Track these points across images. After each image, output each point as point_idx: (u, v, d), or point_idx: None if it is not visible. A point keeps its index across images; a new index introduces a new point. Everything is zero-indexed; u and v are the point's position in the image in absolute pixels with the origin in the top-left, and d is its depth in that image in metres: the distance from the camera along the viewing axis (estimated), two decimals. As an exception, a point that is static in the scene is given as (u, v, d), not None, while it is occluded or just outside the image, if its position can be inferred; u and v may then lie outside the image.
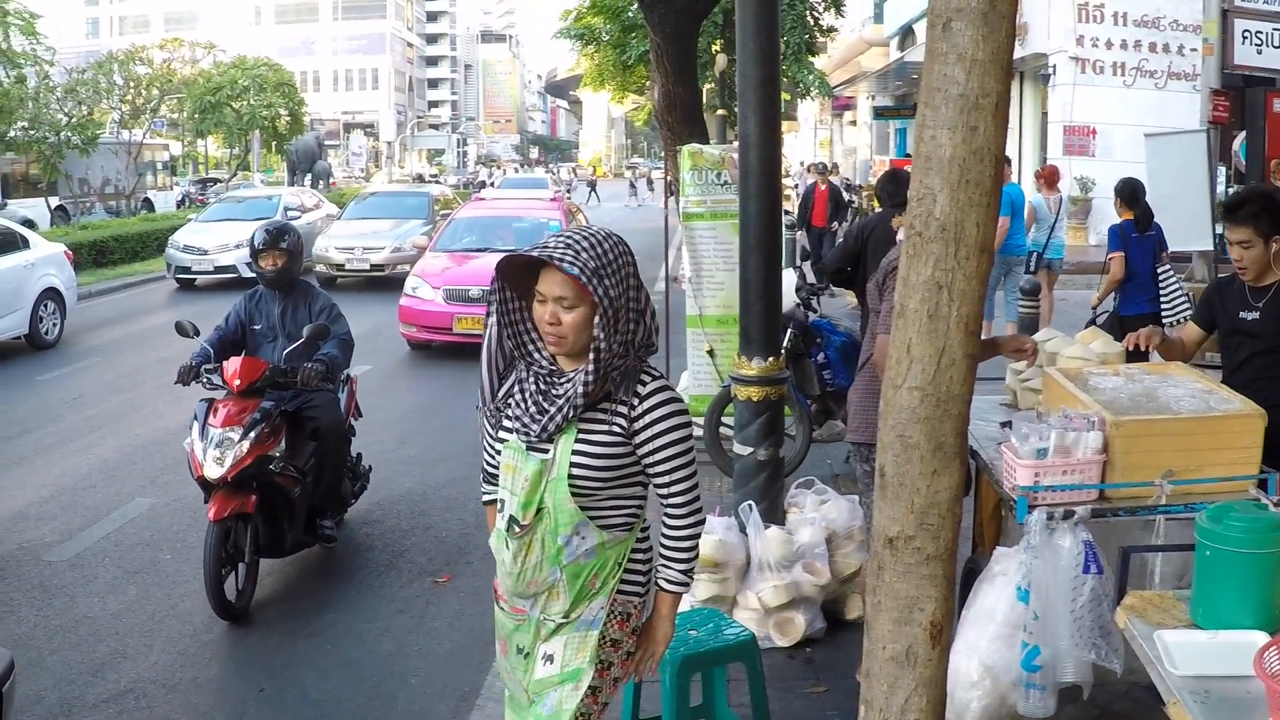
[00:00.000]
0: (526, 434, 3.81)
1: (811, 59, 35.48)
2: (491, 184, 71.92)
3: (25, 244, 18.99)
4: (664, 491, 3.89)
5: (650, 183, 64.17)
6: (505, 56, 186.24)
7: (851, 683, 6.40)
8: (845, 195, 27.58)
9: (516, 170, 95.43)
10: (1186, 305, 11.52)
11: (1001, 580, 5.15)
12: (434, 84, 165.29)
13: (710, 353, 10.56)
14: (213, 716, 6.63)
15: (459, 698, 6.74)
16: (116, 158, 47.84)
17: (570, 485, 3.75)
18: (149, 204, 49.47)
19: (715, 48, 26.26)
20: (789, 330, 9.86)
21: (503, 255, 3.83)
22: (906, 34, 45.44)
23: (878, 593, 3.41)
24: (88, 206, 45.49)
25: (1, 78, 39.88)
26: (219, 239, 26.85)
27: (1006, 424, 5.84)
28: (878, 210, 10.80)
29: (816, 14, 32.74)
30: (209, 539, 7.58)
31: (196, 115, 61.93)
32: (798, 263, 21.45)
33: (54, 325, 19.06)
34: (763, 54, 7.18)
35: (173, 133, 64.41)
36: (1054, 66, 29.69)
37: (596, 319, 3.67)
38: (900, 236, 3.76)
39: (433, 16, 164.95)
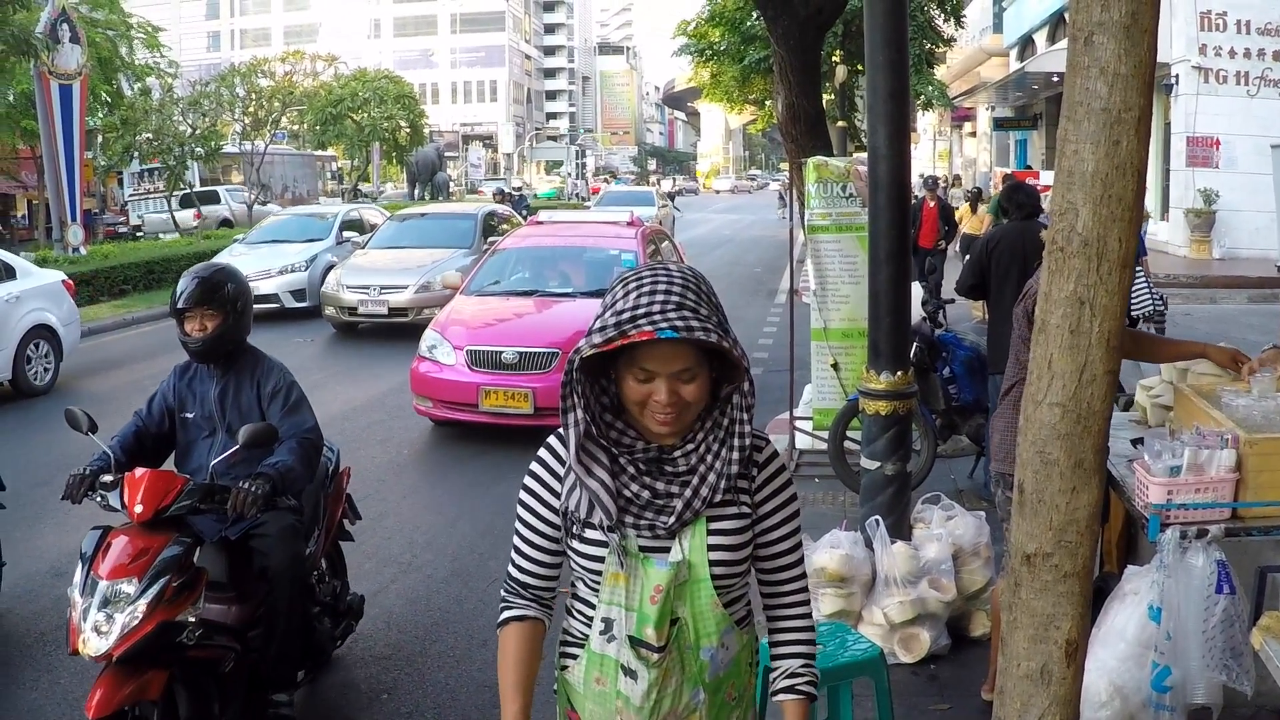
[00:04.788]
0: (651, 528, 3.04)
1: (931, 70, 35.31)
2: (577, 198, 71.17)
3: (11, 274, 16.00)
4: (784, 575, 3.23)
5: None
6: (623, 68, 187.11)
7: (976, 700, 6.38)
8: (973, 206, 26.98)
9: (606, 182, 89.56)
10: (1149, 303, 11.75)
11: (1133, 599, 5.10)
12: (552, 96, 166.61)
13: (834, 366, 10.54)
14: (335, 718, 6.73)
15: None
16: (295, 165, 50.79)
17: (715, 586, 3.08)
18: None
19: (835, 58, 26.21)
20: (915, 344, 9.80)
21: (579, 339, 2.93)
22: (1026, 44, 45.16)
23: (1014, 610, 3.38)
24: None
25: (126, 89, 41.00)
26: (261, 264, 23.35)
27: (1138, 441, 5.78)
28: (1003, 222, 10.71)
29: (936, 26, 32.58)
30: None
31: (318, 127, 63.02)
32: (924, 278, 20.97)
33: (45, 368, 16.12)
34: (892, 66, 7.17)
35: (293, 144, 65.67)
36: (1176, 76, 29.29)
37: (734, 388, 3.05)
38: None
39: (550, 29, 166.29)
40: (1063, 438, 3.18)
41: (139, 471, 5.56)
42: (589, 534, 3.09)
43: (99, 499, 5.65)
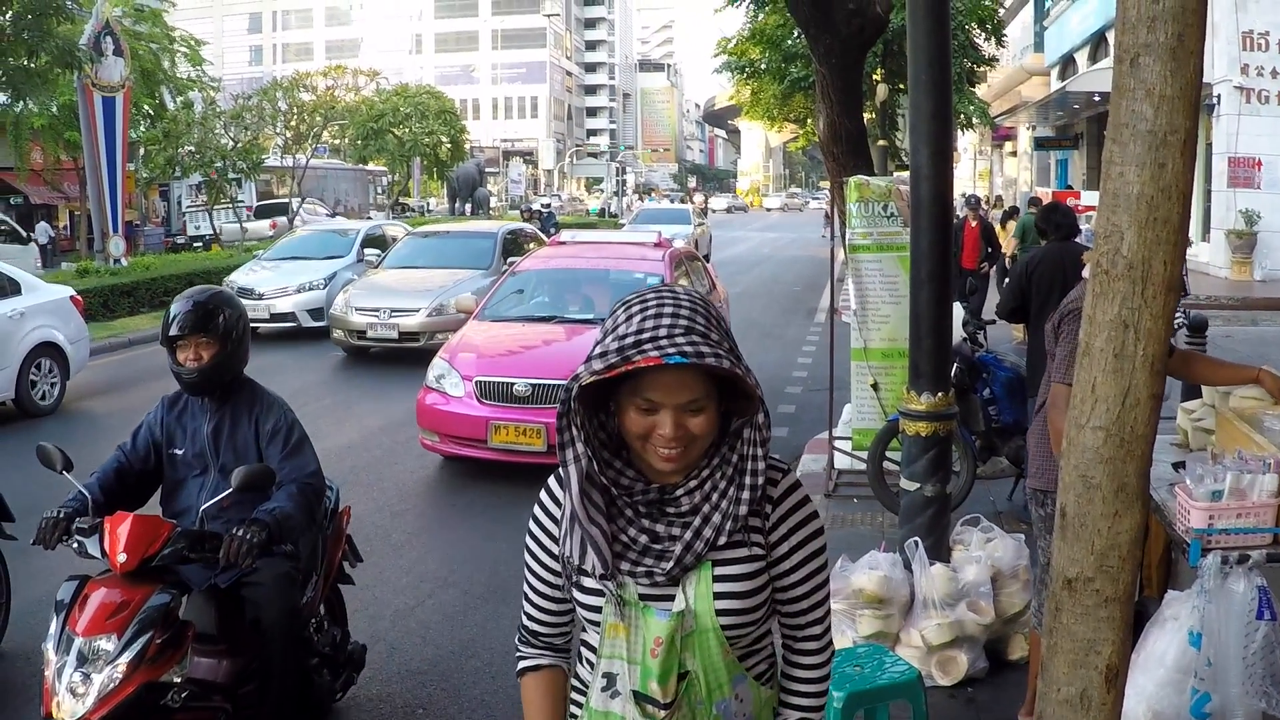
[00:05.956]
0: (649, 574, 2.80)
1: (972, 89, 35.26)
2: (609, 214, 70.94)
3: (15, 289, 15.37)
4: (802, 620, 2.98)
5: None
6: (663, 85, 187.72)
7: (1013, 724, 6.35)
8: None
9: (640, 199, 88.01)
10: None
11: (1173, 624, 5.07)
12: (592, 113, 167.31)
13: (874, 386, 10.48)
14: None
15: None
16: (345, 179, 51.72)
17: (726, 636, 2.84)
18: None
19: (876, 77, 26.18)
20: (954, 365, 9.76)
21: (579, 366, 2.70)
22: (1067, 63, 45.11)
23: (1054, 634, 3.35)
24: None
25: (168, 102, 41.48)
26: (279, 281, 22.99)
27: (1179, 465, 5.74)
28: (1042, 243, 10.68)
29: (977, 44, 32.52)
30: None
31: (359, 141, 63.34)
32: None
33: (51, 387, 15.54)
34: (935, 86, 7.15)
35: (335, 158, 66.23)
36: (1218, 96, 29.09)
37: (747, 421, 2.81)
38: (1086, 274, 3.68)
39: (592, 45, 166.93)
40: (1106, 462, 3.15)
41: (120, 516, 5.12)
42: (586, 582, 2.86)
43: (75, 545, 5.20)
